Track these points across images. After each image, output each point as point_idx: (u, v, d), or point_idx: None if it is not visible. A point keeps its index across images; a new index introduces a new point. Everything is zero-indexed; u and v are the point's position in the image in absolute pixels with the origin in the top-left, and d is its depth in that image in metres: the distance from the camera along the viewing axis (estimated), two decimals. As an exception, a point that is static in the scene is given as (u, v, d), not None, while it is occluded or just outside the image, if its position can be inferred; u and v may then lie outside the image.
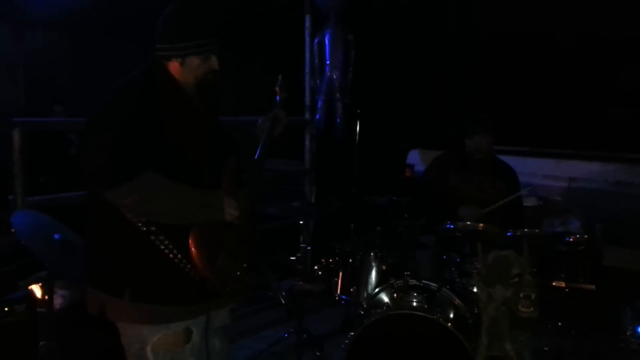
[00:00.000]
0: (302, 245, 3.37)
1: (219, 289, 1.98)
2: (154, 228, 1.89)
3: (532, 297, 2.27)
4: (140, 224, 1.89)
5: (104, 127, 1.89)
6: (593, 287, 3.04)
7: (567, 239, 3.16)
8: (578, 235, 3.21)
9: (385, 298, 2.97)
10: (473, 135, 3.50)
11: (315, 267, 3.24)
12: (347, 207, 4.36)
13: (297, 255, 3.30)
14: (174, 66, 2.00)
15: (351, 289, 3.11)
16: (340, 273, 3.16)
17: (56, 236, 2.46)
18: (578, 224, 4.14)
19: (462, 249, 3.13)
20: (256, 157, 2.23)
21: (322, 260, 3.24)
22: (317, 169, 5.00)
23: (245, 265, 2.06)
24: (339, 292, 3.15)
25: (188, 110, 2.01)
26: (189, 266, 1.92)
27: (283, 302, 3.85)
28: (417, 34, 5.86)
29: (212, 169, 2.02)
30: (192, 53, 1.98)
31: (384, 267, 3.10)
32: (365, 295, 3.05)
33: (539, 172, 4.76)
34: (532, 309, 2.26)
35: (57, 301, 2.90)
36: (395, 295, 2.89)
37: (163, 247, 1.90)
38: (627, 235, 4.16)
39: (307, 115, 4.95)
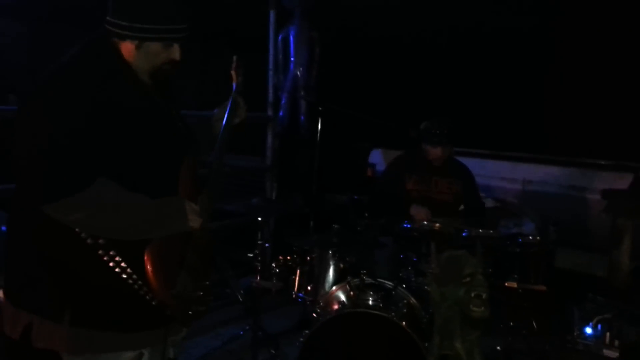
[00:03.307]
0: (260, 242, 3.34)
1: (179, 314, 1.71)
2: (102, 241, 1.60)
3: (483, 297, 2.31)
4: (83, 235, 1.59)
5: (42, 123, 1.54)
6: (544, 288, 3.11)
7: (521, 240, 3.22)
8: (531, 237, 3.28)
9: (341, 296, 2.97)
10: (434, 145, 3.52)
11: (273, 265, 3.22)
12: (308, 205, 4.35)
13: (255, 252, 3.27)
14: (127, 47, 1.66)
15: (308, 287, 3.11)
16: (298, 271, 3.16)
17: (4, 228, 2.37)
18: (532, 226, 4.23)
19: (419, 248, 3.17)
20: (215, 149, 1.92)
21: (280, 257, 3.22)
22: (279, 165, 4.97)
23: (207, 283, 1.81)
24: (296, 289, 3.14)
25: (144, 101, 1.70)
26: (145, 288, 1.63)
27: (240, 299, 3.83)
28: (379, 33, 5.89)
29: (169, 168, 1.74)
30: (153, 38, 1.65)
31: (341, 266, 3.11)
32: (322, 293, 3.05)
33: (496, 174, 4.86)
34: (483, 308, 2.30)
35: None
36: (351, 293, 2.90)
37: (113, 265, 1.60)
38: (579, 238, 4.28)
39: (269, 112, 4.91)
